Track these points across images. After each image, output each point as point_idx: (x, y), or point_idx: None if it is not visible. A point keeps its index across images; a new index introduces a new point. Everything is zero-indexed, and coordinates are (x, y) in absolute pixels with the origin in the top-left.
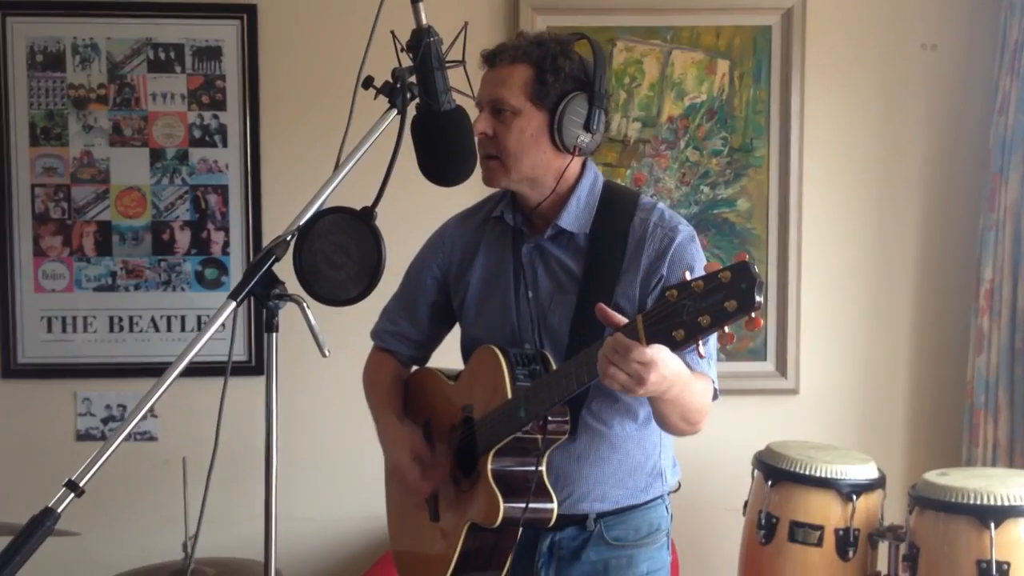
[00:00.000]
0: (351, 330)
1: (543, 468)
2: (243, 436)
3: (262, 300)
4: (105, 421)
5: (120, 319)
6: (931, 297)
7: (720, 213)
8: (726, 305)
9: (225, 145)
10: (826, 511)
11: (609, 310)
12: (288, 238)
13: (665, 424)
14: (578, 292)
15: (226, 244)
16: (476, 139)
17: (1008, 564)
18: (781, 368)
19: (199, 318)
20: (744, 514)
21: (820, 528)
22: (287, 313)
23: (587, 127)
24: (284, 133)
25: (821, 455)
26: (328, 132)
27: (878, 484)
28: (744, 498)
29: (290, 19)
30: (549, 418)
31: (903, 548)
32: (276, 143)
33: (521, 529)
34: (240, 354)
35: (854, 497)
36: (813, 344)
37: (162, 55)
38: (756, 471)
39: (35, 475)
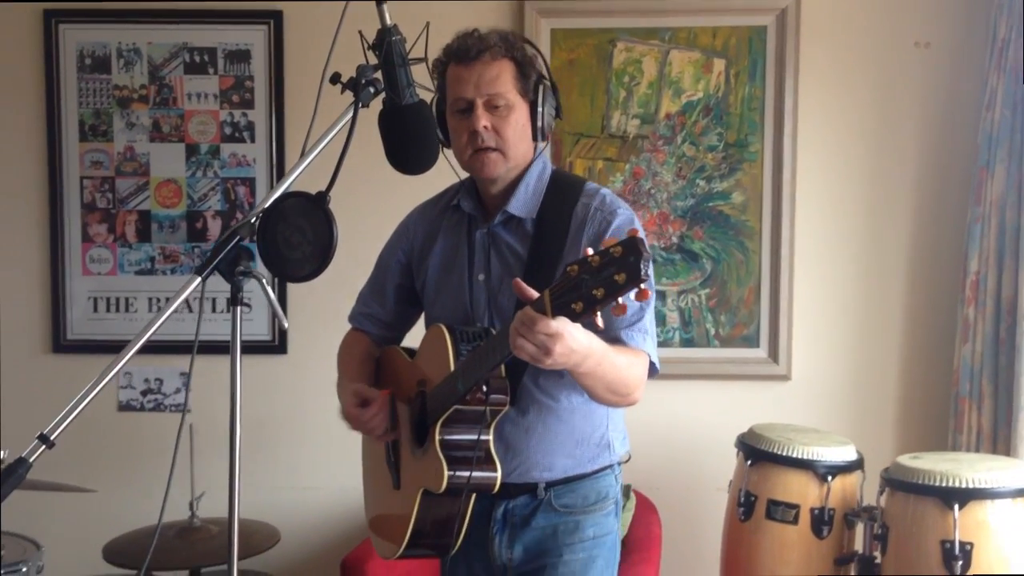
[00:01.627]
0: None
1: (489, 437)
2: (264, 409)
3: (227, 276)
4: (144, 393)
5: (158, 300)
6: (920, 288)
7: (715, 206)
8: (616, 278)
9: (253, 141)
10: (802, 490)
11: (523, 285)
12: (253, 220)
13: (593, 396)
14: (523, 274)
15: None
16: (470, 132)
17: (971, 544)
18: (773, 355)
19: (227, 300)
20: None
21: (796, 507)
22: (304, 295)
23: (557, 113)
24: (306, 129)
25: (800, 437)
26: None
27: (855, 466)
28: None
29: (312, 24)
30: (488, 390)
31: (875, 528)
32: (299, 139)
33: (474, 496)
34: (264, 333)
35: (829, 478)
36: (805, 332)
37: (197, 58)
38: (739, 451)
39: (80, 441)
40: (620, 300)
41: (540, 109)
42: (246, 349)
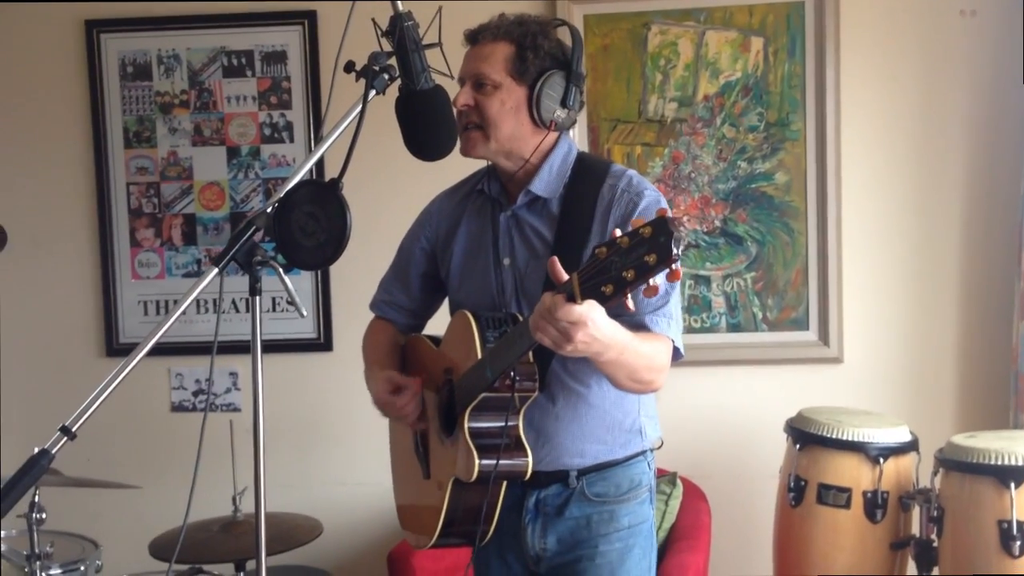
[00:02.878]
0: None
1: (519, 424)
2: (312, 406)
3: (244, 266)
4: (195, 394)
5: (206, 302)
6: (974, 263)
7: (758, 187)
8: (647, 259)
9: (292, 141)
10: (854, 474)
11: (559, 266)
12: (268, 210)
13: (615, 384)
14: (550, 257)
15: None
16: (457, 111)
17: None
18: (823, 337)
19: (273, 299)
20: None
21: (848, 490)
22: (349, 291)
23: (564, 103)
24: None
25: (850, 419)
26: (382, 124)
27: (909, 448)
28: None
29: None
30: (516, 376)
31: (932, 510)
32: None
33: (505, 484)
34: (310, 331)
35: (881, 460)
36: (856, 313)
37: (235, 61)
38: (787, 436)
39: (136, 442)
40: (651, 281)
41: (535, 96)
42: (292, 347)
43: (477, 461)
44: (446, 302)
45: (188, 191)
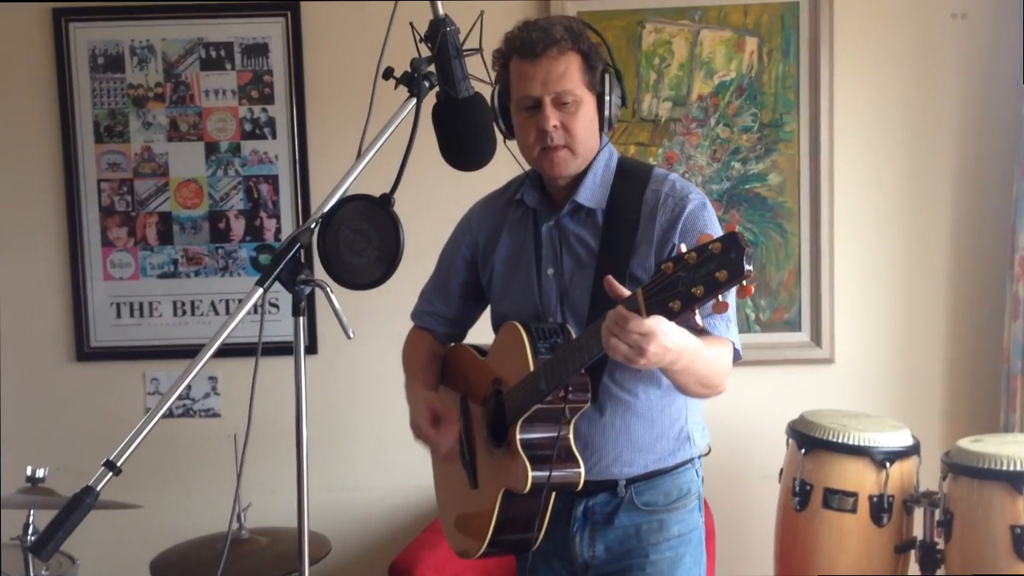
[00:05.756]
0: (401, 311)
1: (570, 435)
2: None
3: (288, 286)
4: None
5: (183, 303)
6: (965, 265)
7: (752, 188)
8: (717, 275)
9: (274, 137)
10: (860, 478)
11: (615, 283)
12: (312, 226)
13: (683, 391)
14: (596, 266)
15: (278, 231)
16: (538, 131)
17: None
18: (816, 338)
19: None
20: (780, 481)
21: (854, 495)
22: (342, 298)
23: (623, 102)
24: (329, 123)
25: (854, 423)
26: (371, 121)
27: (912, 451)
28: (780, 466)
29: (331, 13)
30: (569, 388)
31: (937, 514)
32: (322, 133)
33: (554, 495)
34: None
35: (887, 464)
36: (848, 314)
37: (213, 53)
38: (790, 439)
39: (109, 451)
40: (721, 297)
41: (608, 100)
42: (276, 350)
43: (530, 473)
44: (486, 311)
45: (164, 188)
